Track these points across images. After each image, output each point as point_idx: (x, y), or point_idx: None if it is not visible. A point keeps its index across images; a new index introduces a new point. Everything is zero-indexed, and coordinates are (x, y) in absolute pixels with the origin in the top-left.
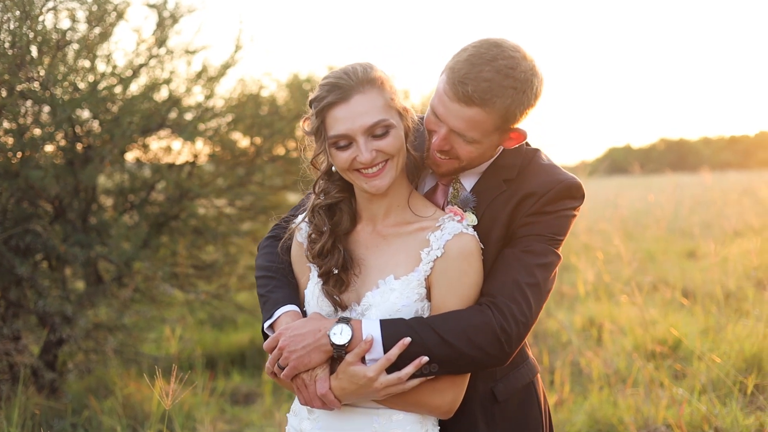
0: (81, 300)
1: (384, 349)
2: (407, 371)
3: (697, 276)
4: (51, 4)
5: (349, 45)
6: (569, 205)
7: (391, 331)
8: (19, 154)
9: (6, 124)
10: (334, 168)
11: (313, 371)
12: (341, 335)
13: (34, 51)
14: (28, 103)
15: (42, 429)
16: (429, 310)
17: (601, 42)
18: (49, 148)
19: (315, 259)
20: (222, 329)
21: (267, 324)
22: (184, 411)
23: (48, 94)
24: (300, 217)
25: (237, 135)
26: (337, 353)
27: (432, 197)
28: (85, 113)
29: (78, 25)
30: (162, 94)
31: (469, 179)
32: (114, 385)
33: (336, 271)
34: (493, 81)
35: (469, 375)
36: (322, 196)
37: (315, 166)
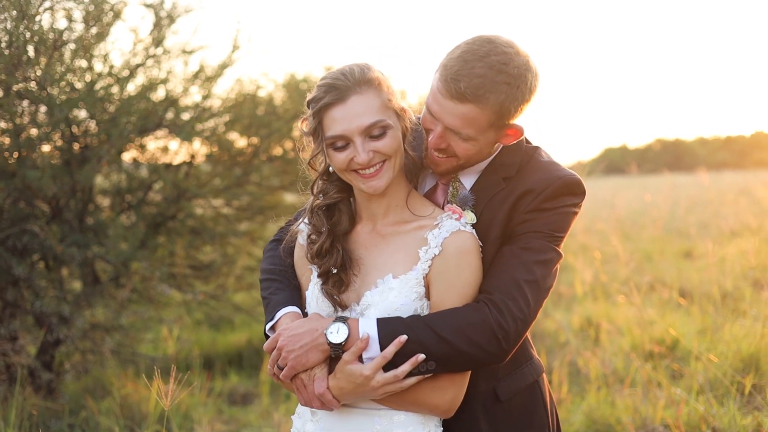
0: (78, 300)
1: (381, 348)
2: (404, 369)
3: (694, 276)
4: (48, 3)
5: (346, 45)
6: (569, 202)
7: (388, 330)
8: (16, 154)
9: (2, 123)
10: (332, 168)
11: (312, 371)
12: (338, 334)
13: (30, 51)
14: (24, 103)
15: (39, 429)
16: (428, 308)
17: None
18: (46, 148)
19: (314, 259)
20: (219, 330)
21: (268, 326)
22: (181, 411)
23: (45, 93)
24: (301, 219)
25: (234, 135)
26: (335, 352)
27: (432, 197)
28: (82, 113)
29: (75, 25)
30: (159, 94)
31: (469, 178)
32: (111, 386)
33: (335, 271)
34: (486, 77)
35: (470, 373)
36: (320, 196)
37: (313, 166)
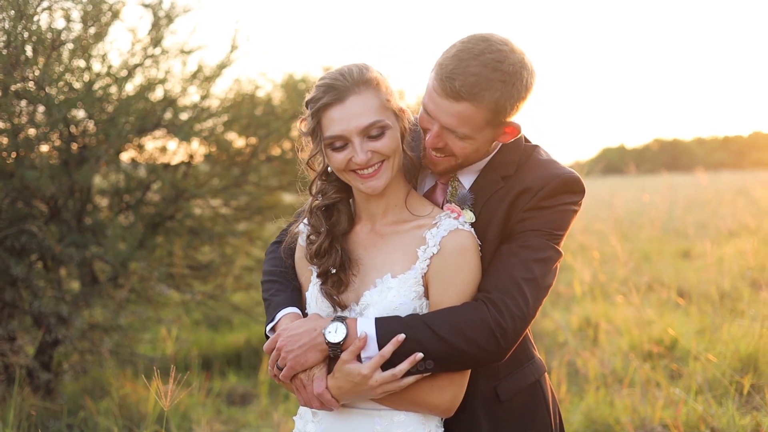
0: (76, 300)
1: (379, 347)
2: (401, 368)
3: (692, 276)
4: (46, 3)
5: (345, 45)
6: (567, 200)
7: (386, 329)
8: (14, 154)
9: (1, 123)
10: (330, 168)
11: (311, 371)
12: (336, 333)
13: (29, 50)
14: (22, 103)
15: (38, 430)
16: (427, 308)
17: (596, 43)
18: (44, 148)
19: (313, 260)
20: (218, 330)
21: (269, 327)
22: (180, 412)
23: (43, 93)
24: (300, 220)
25: (232, 135)
26: (333, 352)
27: (431, 196)
28: (81, 113)
29: (73, 25)
30: (157, 94)
31: (468, 177)
32: (110, 386)
33: (334, 271)
34: (481, 75)
35: (469, 373)
36: (319, 197)
37: (311, 167)
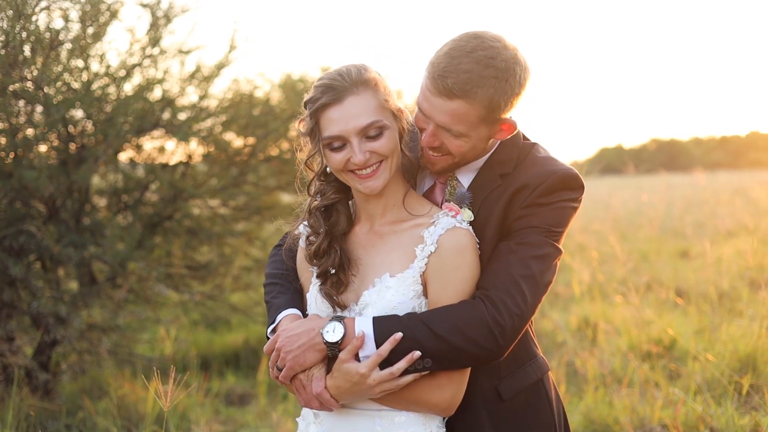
0: (75, 301)
1: (377, 346)
2: (399, 366)
3: (691, 276)
4: (44, 3)
5: (343, 45)
6: (566, 197)
7: (383, 327)
8: (12, 154)
9: None
10: (329, 169)
11: (310, 371)
12: (334, 333)
13: (27, 50)
14: (21, 103)
15: (37, 430)
16: (426, 306)
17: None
18: (43, 148)
19: (312, 260)
20: (216, 330)
21: (270, 329)
22: (178, 412)
23: (41, 93)
24: (299, 221)
25: (231, 135)
26: (331, 351)
27: (431, 196)
28: (79, 113)
29: (71, 25)
30: (156, 94)
31: (467, 176)
32: (108, 386)
33: (333, 271)
34: (473, 72)
35: (469, 371)
36: (318, 197)
37: (309, 167)
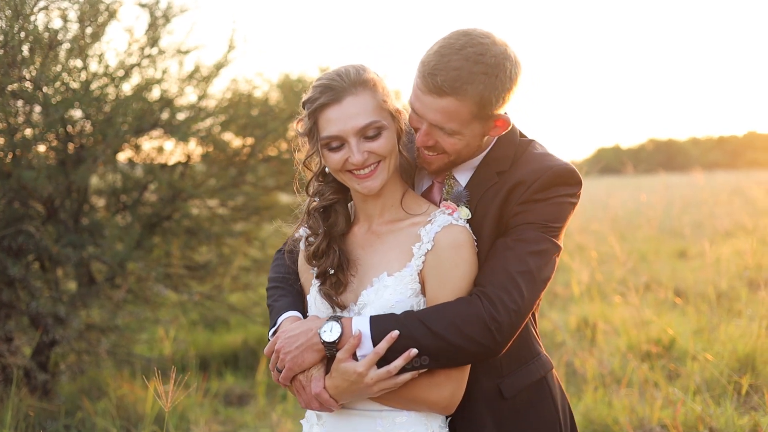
0: (74, 301)
1: (374, 344)
2: (396, 364)
3: (689, 276)
4: (42, 3)
5: (342, 45)
6: (562, 192)
7: (380, 326)
8: (11, 154)
9: None
10: (327, 169)
11: (309, 372)
12: (331, 332)
13: (25, 50)
14: (19, 103)
15: (36, 431)
16: (425, 305)
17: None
18: (41, 148)
19: (311, 261)
20: (215, 330)
21: (271, 332)
22: (177, 412)
23: (40, 93)
24: (299, 223)
25: (229, 135)
26: (329, 351)
27: (429, 196)
28: (78, 113)
29: (70, 25)
30: (154, 94)
31: (464, 174)
32: (107, 387)
33: (332, 272)
34: (463, 69)
35: (468, 369)
36: (316, 198)
37: (308, 167)
